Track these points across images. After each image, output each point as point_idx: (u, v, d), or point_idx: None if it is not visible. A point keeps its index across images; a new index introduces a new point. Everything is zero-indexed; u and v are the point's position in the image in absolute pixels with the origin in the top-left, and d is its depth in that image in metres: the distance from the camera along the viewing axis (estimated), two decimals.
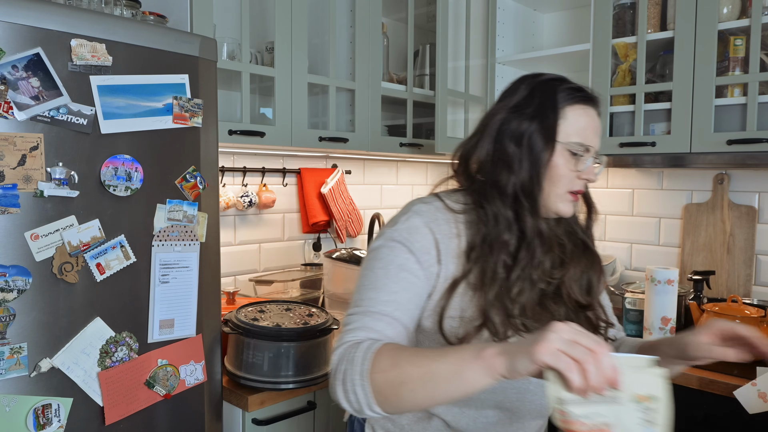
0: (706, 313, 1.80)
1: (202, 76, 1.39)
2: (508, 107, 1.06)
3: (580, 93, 1.05)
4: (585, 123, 1.04)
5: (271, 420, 1.52)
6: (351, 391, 0.88)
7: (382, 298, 0.99)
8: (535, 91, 1.05)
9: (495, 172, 1.05)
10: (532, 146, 1.02)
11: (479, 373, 0.79)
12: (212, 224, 1.43)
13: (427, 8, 2.50)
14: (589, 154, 1.05)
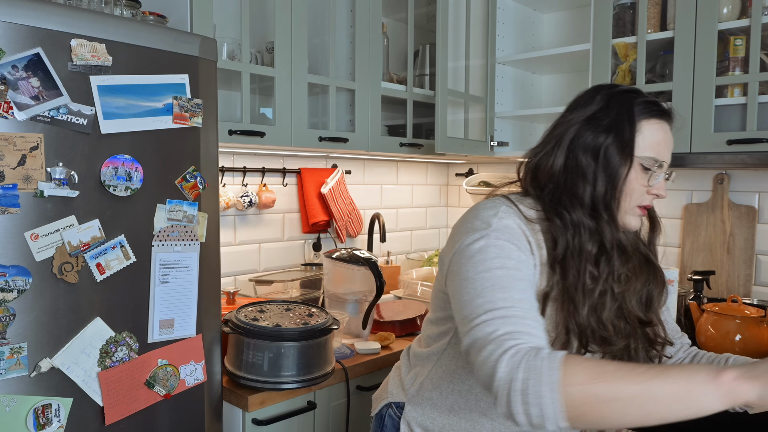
0: (706, 313, 1.80)
1: (202, 76, 1.39)
2: (582, 118, 1.05)
3: (656, 107, 1.05)
4: (660, 138, 1.04)
5: (271, 420, 1.52)
6: (535, 404, 0.80)
7: (515, 296, 0.92)
8: (611, 103, 1.04)
9: (570, 183, 1.03)
10: (609, 160, 1.01)
11: (714, 398, 0.76)
12: (212, 224, 1.43)
13: (427, 8, 2.50)
14: (661, 169, 1.05)
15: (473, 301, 0.92)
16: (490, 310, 0.90)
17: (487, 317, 0.89)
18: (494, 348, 0.85)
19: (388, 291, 2.46)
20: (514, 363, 0.82)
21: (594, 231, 1.01)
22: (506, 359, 0.83)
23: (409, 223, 2.86)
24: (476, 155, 2.42)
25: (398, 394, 1.23)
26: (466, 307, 0.93)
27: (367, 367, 1.74)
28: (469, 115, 2.40)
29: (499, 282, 0.93)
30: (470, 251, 0.97)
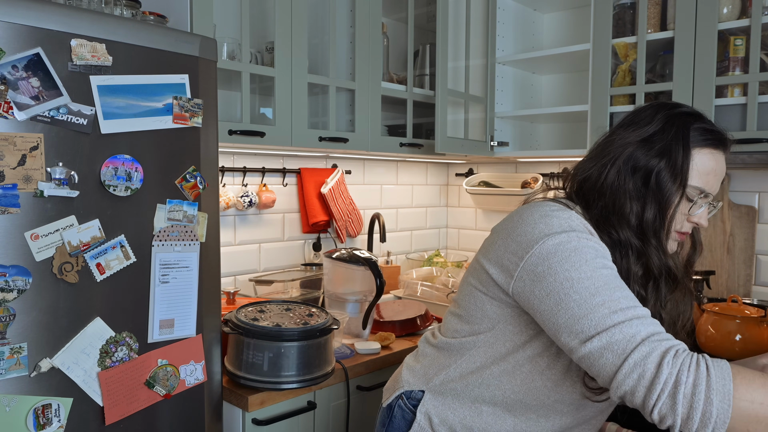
0: (706, 313, 1.80)
1: (202, 76, 1.39)
2: (639, 139, 1.03)
3: (712, 135, 1.02)
4: (710, 168, 1.02)
5: (271, 420, 1.52)
6: (698, 408, 0.79)
7: (630, 294, 0.92)
8: (668, 126, 1.02)
9: (619, 203, 1.02)
10: (661, 186, 1.00)
11: None
12: (212, 224, 1.43)
13: (427, 8, 2.50)
14: (706, 200, 1.03)
15: (589, 300, 0.90)
16: (618, 310, 0.88)
17: (618, 318, 0.88)
18: (649, 350, 0.84)
19: (388, 291, 2.46)
20: (682, 366, 0.82)
21: (641, 254, 1.00)
22: (668, 361, 0.82)
23: (409, 223, 2.86)
24: (476, 155, 2.42)
25: (416, 383, 1.20)
26: (580, 307, 0.90)
27: (367, 367, 1.74)
28: (469, 115, 2.40)
29: (611, 282, 0.91)
30: (564, 252, 0.94)
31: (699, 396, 0.80)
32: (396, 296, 2.46)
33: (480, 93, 2.44)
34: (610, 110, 2.08)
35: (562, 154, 2.34)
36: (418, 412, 1.16)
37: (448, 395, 1.15)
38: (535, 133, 2.71)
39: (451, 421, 1.13)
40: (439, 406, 1.15)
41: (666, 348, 0.84)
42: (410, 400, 1.19)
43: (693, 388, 0.80)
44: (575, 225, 0.97)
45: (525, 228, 1.00)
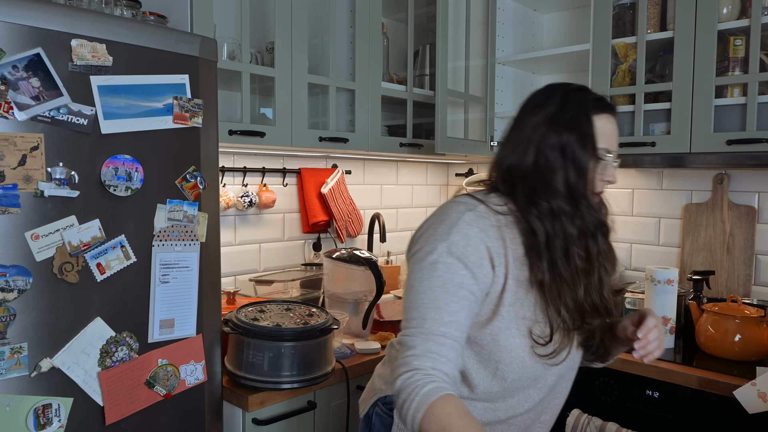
0: (706, 313, 1.80)
1: (202, 76, 1.39)
2: (546, 119, 1.12)
3: (603, 102, 1.14)
4: (610, 130, 1.13)
5: (271, 420, 1.53)
6: (405, 422, 0.98)
7: (445, 318, 1.02)
8: (568, 102, 1.13)
9: (545, 177, 1.10)
10: (576, 155, 1.09)
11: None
12: (212, 224, 1.43)
13: (427, 8, 2.50)
14: (612, 158, 1.13)
15: (410, 311, 1.05)
16: (419, 327, 1.02)
17: (414, 332, 1.03)
18: (402, 364, 1.01)
19: (388, 291, 2.46)
20: (405, 384, 0.98)
21: (573, 216, 1.09)
22: (403, 378, 0.99)
23: (409, 223, 2.86)
24: (476, 155, 2.42)
25: (389, 388, 1.24)
26: (406, 312, 1.07)
27: (367, 367, 1.74)
28: (469, 115, 2.40)
29: (435, 302, 1.03)
30: (424, 261, 1.06)
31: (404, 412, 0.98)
32: (396, 296, 2.46)
33: (480, 93, 2.44)
34: None
35: None
36: (396, 415, 1.18)
37: None
38: None
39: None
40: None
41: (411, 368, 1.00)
42: (386, 405, 1.22)
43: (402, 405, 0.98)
44: (456, 235, 1.06)
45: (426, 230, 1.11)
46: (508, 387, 1.12)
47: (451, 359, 1.01)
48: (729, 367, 1.67)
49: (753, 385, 1.48)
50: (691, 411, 1.65)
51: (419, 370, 0.99)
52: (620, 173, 2.41)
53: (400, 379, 1.00)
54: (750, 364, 1.67)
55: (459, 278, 1.04)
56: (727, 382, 1.56)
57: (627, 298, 2.01)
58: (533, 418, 1.20)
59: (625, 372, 1.75)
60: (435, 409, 0.94)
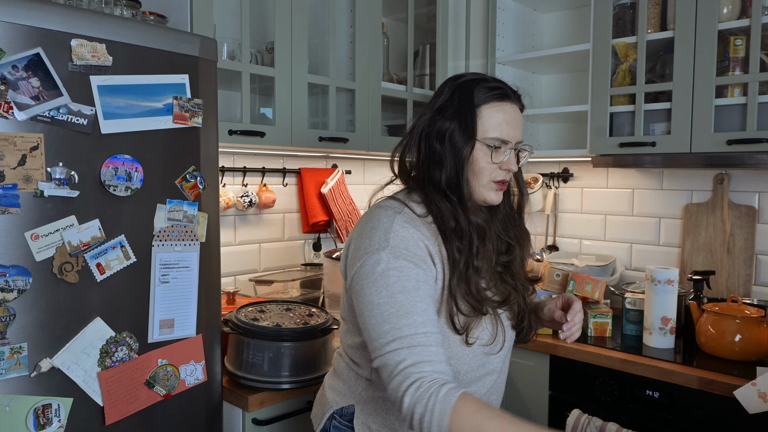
0: (706, 313, 1.80)
1: (202, 76, 1.39)
2: (432, 109, 1.16)
3: (495, 91, 1.14)
4: (500, 119, 1.13)
5: (271, 420, 1.52)
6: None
7: (418, 320, 1.02)
8: (455, 93, 1.14)
9: (428, 170, 1.14)
10: (454, 144, 1.11)
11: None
12: (212, 224, 1.43)
13: (427, 8, 2.50)
14: (507, 146, 1.14)
15: (380, 327, 1.02)
16: (398, 338, 1.00)
17: (395, 345, 1.00)
18: (402, 380, 0.98)
19: None
20: (415, 398, 0.95)
21: (451, 213, 1.11)
22: (410, 393, 0.96)
23: None
24: None
25: (342, 400, 1.22)
26: (374, 331, 1.03)
27: None
28: None
29: (402, 307, 1.02)
30: (373, 274, 1.05)
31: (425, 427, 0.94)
32: None
33: None
34: (610, 110, 2.08)
35: (562, 154, 2.34)
36: (356, 426, 1.18)
37: (378, 400, 1.18)
38: (535, 133, 2.71)
39: (390, 422, 1.17)
40: (373, 413, 1.18)
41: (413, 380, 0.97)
42: (344, 417, 1.21)
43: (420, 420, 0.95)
44: (394, 239, 1.06)
45: (357, 239, 1.11)
46: (463, 379, 1.14)
47: (441, 356, 1.01)
48: (729, 367, 1.67)
49: (753, 385, 1.48)
50: (691, 411, 1.64)
51: (422, 379, 0.97)
52: (620, 173, 2.41)
53: (407, 395, 0.96)
54: (750, 364, 1.67)
55: (414, 277, 1.05)
56: (727, 382, 1.56)
57: (627, 298, 2.01)
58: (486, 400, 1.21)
59: (625, 372, 1.75)
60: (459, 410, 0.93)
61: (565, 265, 2.22)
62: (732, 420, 1.57)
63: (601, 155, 2.10)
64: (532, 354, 1.96)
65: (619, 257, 2.41)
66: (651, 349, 1.84)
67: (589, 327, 1.96)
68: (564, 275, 2.03)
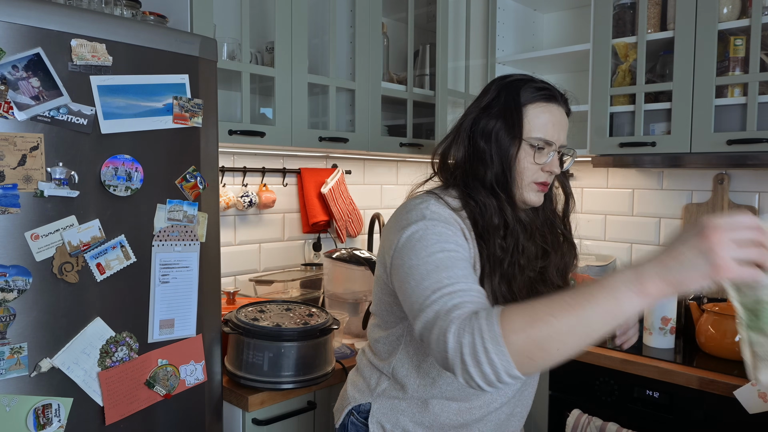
0: (706, 313, 1.80)
1: (202, 76, 1.39)
2: (479, 108, 1.16)
3: (542, 92, 1.14)
4: (546, 120, 1.12)
5: (271, 420, 1.52)
6: (486, 363, 0.82)
7: (458, 273, 0.96)
8: (501, 92, 1.14)
9: (473, 167, 1.13)
10: (500, 143, 1.11)
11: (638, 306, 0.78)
12: (212, 224, 1.43)
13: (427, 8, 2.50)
14: (550, 148, 1.13)
15: (420, 285, 0.96)
16: (438, 289, 0.93)
17: (435, 297, 0.93)
18: (442, 323, 0.88)
19: None
20: (460, 331, 0.85)
21: (497, 209, 1.10)
22: (453, 330, 0.86)
23: None
24: None
25: (361, 397, 1.23)
26: (414, 293, 0.97)
27: None
28: None
29: (442, 263, 0.97)
30: (411, 242, 1.02)
31: (479, 351, 0.83)
32: None
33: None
34: (610, 110, 2.08)
35: None
36: (370, 424, 1.19)
37: (394, 399, 1.18)
38: None
39: (403, 423, 1.17)
40: (388, 412, 1.18)
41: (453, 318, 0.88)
42: (360, 414, 1.22)
43: (472, 348, 0.83)
44: (430, 214, 1.05)
45: (391, 227, 1.10)
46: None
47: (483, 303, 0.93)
48: (729, 367, 1.67)
49: (753, 385, 1.48)
50: (691, 411, 1.64)
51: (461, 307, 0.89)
52: (620, 173, 2.41)
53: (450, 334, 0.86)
54: None
55: (453, 241, 1.02)
56: (727, 382, 1.56)
57: None
58: (508, 412, 1.20)
59: (625, 372, 1.75)
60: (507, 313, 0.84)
61: None
62: (732, 420, 1.57)
63: (601, 155, 2.10)
64: None
65: (619, 257, 2.41)
66: (651, 349, 1.84)
67: None
68: None
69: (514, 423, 1.23)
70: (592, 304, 0.79)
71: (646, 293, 0.77)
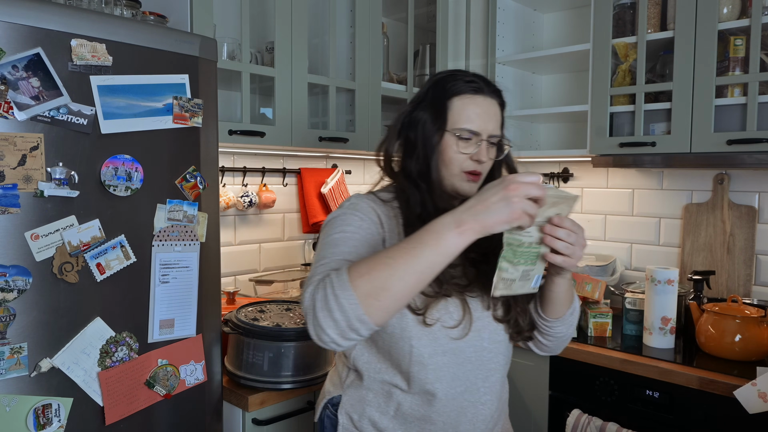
0: (706, 313, 1.80)
1: (202, 76, 1.39)
2: (412, 104, 1.20)
3: (470, 84, 1.16)
4: (471, 111, 1.16)
5: (271, 420, 1.52)
6: (336, 309, 0.92)
7: (344, 249, 1.07)
8: (432, 87, 1.19)
9: (403, 160, 1.19)
10: (425, 134, 1.16)
11: (459, 242, 0.92)
12: (212, 224, 1.43)
13: (427, 8, 2.50)
14: (478, 138, 1.16)
15: (314, 264, 1.08)
16: (320, 262, 1.06)
17: (315, 268, 1.06)
18: (305, 287, 1.00)
19: None
20: (312, 290, 0.97)
21: (419, 200, 1.15)
22: (310, 289, 0.98)
23: None
24: None
25: (334, 390, 1.26)
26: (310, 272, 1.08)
27: None
28: None
29: (333, 242, 1.08)
30: (323, 229, 1.14)
31: (330, 300, 0.93)
32: None
33: None
34: (610, 110, 2.08)
35: (562, 154, 2.34)
36: (339, 415, 1.21)
37: (360, 390, 1.21)
38: (535, 133, 2.71)
39: (369, 413, 1.19)
40: (356, 403, 1.21)
41: (313, 281, 1.00)
42: (333, 406, 1.24)
43: (324, 300, 0.94)
44: (348, 206, 1.16)
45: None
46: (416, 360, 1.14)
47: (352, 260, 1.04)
48: (729, 367, 1.67)
49: (753, 385, 1.48)
50: (691, 411, 1.64)
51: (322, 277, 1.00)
52: (620, 173, 2.41)
53: (306, 294, 0.98)
54: (750, 364, 1.67)
55: (355, 223, 1.11)
56: (727, 382, 1.56)
57: (627, 298, 2.01)
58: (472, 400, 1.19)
59: (625, 372, 1.75)
60: (354, 265, 0.95)
61: None
62: (732, 420, 1.57)
63: (601, 155, 2.10)
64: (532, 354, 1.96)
65: (619, 257, 2.41)
66: (651, 349, 1.84)
67: (589, 327, 1.96)
68: None
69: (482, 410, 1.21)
70: (422, 245, 0.93)
71: (463, 233, 0.92)
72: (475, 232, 0.92)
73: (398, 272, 0.92)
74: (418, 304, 1.12)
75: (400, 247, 0.94)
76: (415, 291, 0.95)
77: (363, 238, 1.10)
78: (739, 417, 1.53)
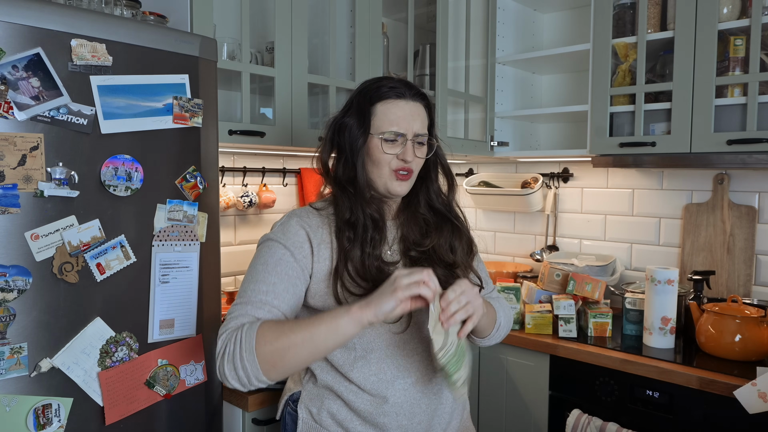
0: (706, 313, 1.80)
1: (202, 76, 1.39)
2: (342, 111, 1.27)
3: (393, 90, 1.23)
4: (394, 114, 1.22)
5: (271, 420, 1.52)
6: (240, 368, 1.06)
7: (262, 288, 1.15)
8: (358, 94, 1.26)
9: (335, 166, 1.26)
10: (351, 137, 1.22)
11: (352, 325, 1.05)
12: (212, 224, 1.43)
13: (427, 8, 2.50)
14: (403, 138, 1.22)
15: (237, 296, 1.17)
16: (239, 298, 1.16)
17: (234, 303, 1.15)
18: (222, 328, 1.12)
19: None
20: (225, 338, 1.09)
21: (348, 206, 1.22)
22: (223, 336, 1.10)
23: None
24: (476, 155, 2.42)
25: (294, 386, 1.31)
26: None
27: None
28: (469, 115, 2.40)
29: (255, 276, 1.17)
30: (257, 249, 1.23)
31: (236, 359, 1.06)
32: None
33: (480, 93, 2.44)
34: (610, 110, 2.08)
35: (562, 154, 2.34)
36: (299, 410, 1.26)
37: (318, 385, 1.25)
38: (535, 133, 2.72)
39: (327, 405, 1.22)
40: (314, 397, 1.25)
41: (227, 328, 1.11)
42: (293, 402, 1.29)
43: (231, 355, 1.07)
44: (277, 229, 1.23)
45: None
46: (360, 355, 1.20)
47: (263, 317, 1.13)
48: (729, 367, 1.67)
49: (753, 385, 1.48)
50: (691, 411, 1.64)
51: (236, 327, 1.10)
52: (620, 173, 2.41)
53: (220, 340, 1.10)
54: (750, 364, 1.67)
55: (278, 255, 1.18)
56: (727, 382, 1.56)
57: (627, 298, 2.01)
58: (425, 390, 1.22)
59: (625, 372, 1.75)
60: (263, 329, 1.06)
61: (565, 265, 2.22)
62: (732, 420, 1.57)
63: (601, 155, 2.10)
64: (532, 354, 1.96)
65: (619, 257, 2.41)
66: (651, 349, 1.84)
67: (589, 327, 1.96)
68: (564, 275, 2.03)
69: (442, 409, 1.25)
70: (318, 324, 1.06)
71: (355, 316, 1.05)
72: (366, 315, 1.04)
73: (295, 346, 1.05)
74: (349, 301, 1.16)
75: (303, 322, 1.07)
76: (309, 362, 1.09)
77: (284, 273, 1.17)
78: (739, 417, 1.53)
